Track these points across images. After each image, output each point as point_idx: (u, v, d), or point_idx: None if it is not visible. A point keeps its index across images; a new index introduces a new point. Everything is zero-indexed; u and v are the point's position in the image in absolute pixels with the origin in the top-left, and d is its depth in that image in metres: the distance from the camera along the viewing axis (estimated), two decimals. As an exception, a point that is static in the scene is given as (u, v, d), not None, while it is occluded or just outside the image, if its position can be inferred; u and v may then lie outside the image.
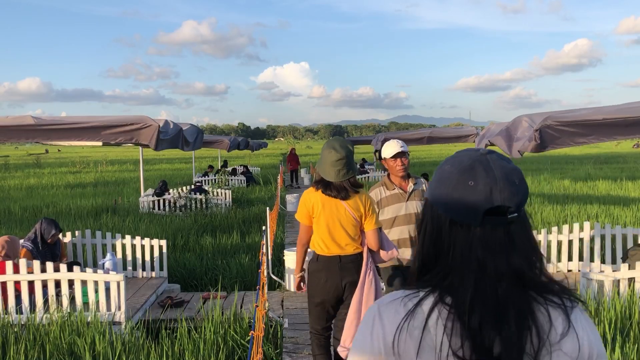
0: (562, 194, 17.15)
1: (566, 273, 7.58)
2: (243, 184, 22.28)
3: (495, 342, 1.01)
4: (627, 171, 27.81)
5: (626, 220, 11.57)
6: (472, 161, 1.11)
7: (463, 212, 1.08)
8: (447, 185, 1.12)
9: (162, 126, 6.44)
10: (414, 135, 18.50)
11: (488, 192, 1.07)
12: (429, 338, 1.04)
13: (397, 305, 1.09)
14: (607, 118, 5.57)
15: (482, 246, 1.06)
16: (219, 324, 5.45)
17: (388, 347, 1.06)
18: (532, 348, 1.03)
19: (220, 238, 10.45)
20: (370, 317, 1.10)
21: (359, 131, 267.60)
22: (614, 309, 5.07)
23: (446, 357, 1.02)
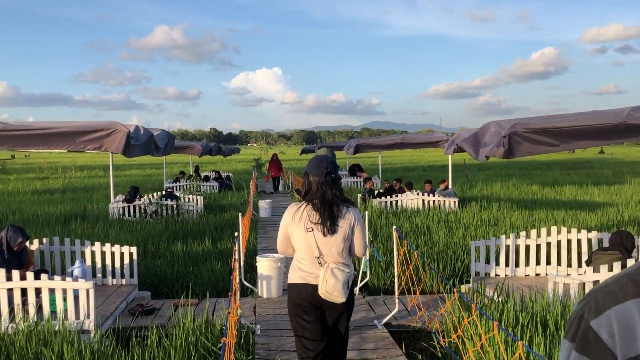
0: (530, 199, 17.49)
1: (534, 277, 7.73)
2: (215, 189, 22.12)
3: (325, 215, 3.68)
4: (593, 176, 28.51)
5: (591, 225, 11.86)
6: (319, 159, 3.83)
7: (318, 174, 3.74)
8: (313, 166, 3.79)
9: (133, 132, 6.39)
10: (386, 141, 18.70)
11: (325, 167, 3.74)
12: (302, 214, 3.74)
13: (295, 206, 3.82)
14: (571, 125, 5.73)
15: (323, 185, 3.72)
16: (190, 331, 5.41)
17: (289, 218, 3.78)
18: (338, 216, 3.71)
19: (192, 244, 10.36)
20: (287, 210, 3.83)
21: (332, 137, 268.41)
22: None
23: (307, 221, 3.71)
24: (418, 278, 7.63)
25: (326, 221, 3.69)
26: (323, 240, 3.70)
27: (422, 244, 9.79)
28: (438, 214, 13.57)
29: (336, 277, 3.63)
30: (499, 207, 14.83)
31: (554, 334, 4.80)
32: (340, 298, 3.65)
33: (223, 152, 28.16)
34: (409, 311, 6.55)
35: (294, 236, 3.78)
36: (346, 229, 3.73)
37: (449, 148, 8.16)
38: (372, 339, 5.70)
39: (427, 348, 5.70)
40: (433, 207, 15.08)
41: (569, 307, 5.34)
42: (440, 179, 17.55)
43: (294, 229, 3.76)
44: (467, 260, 8.55)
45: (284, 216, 3.86)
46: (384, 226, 11.85)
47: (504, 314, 5.21)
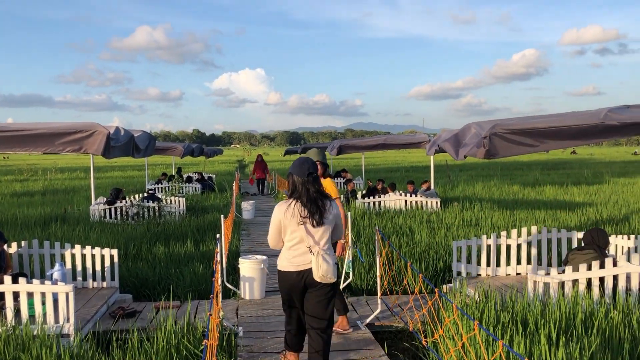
0: (511, 200, 17.66)
1: (515, 276, 7.81)
2: (197, 191, 22.00)
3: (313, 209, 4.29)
4: (573, 177, 28.89)
5: (571, 224, 12.02)
6: (302, 160, 4.42)
7: (301, 174, 4.34)
8: (297, 168, 4.37)
9: (113, 133, 6.33)
10: (369, 142, 18.75)
11: (307, 168, 4.35)
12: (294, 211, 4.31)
13: (284, 204, 4.37)
14: (550, 125, 5.80)
15: (306, 184, 4.33)
16: (172, 333, 5.37)
17: (282, 215, 4.34)
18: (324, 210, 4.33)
19: (174, 246, 10.30)
20: (277, 207, 4.41)
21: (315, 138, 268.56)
22: (559, 309, 5.26)
23: (298, 216, 4.28)
24: (400, 278, 7.66)
25: (315, 215, 4.30)
26: (313, 231, 4.32)
27: (404, 244, 9.84)
28: (420, 215, 13.65)
29: (327, 261, 4.28)
30: (480, 207, 14.95)
31: (534, 333, 4.85)
32: (333, 278, 4.34)
33: (205, 153, 27.98)
34: (392, 311, 6.58)
35: (287, 230, 4.35)
36: (331, 220, 4.40)
37: (430, 149, 8.22)
38: (355, 339, 5.71)
39: (409, 348, 5.72)
40: (415, 207, 15.17)
41: (549, 305, 5.40)
42: (423, 180, 17.65)
43: (287, 224, 4.34)
44: (449, 260, 8.61)
45: (275, 213, 4.40)
46: (367, 227, 11.88)
47: (485, 314, 5.26)
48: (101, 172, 39.18)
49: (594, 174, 31.19)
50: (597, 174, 30.58)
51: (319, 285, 4.35)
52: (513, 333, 4.78)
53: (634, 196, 18.17)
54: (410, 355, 5.58)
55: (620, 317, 5.13)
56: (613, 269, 5.86)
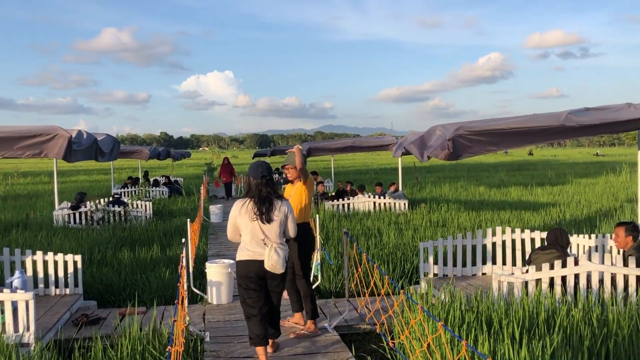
0: (477, 201, 17.94)
1: (481, 276, 7.92)
2: (165, 195, 21.72)
3: (263, 208, 4.88)
4: (537, 177, 29.50)
5: (535, 224, 12.26)
6: (257, 164, 5.02)
7: (256, 176, 4.94)
8: (252, 170, 4.97)
9: (75, 136, 6.19)
10: (338, 145, 18.80)
11: (261, 172, 4.95)
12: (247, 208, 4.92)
13: (240, 202, 4.98)
14: (513, 127, 5.92)
15: (260, 185, 4.93)
16: (136, 340, 5.28)
17: (237, 212, 4.96)
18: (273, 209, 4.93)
19: (140, 251, 10.14)
20: (234, 205, 5.01)
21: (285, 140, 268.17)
22: (523, 309, 5.35)
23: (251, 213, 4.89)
24: (368, 281, 7.69)
25: (264, 213, 4.89)
26: (265, 227, 4.91)
27: (372, 246, 9.89)
28: (388, 216, 13.75)
29: (278, 254, 4.84)
30: (447, 208, 15.15)
31: (498, 332, 4.92)
32: (281, 269, 4.90)
33: (172, 156, 27.63)
34: (360, 314, 6.60)
35: (242, 225, 4.95)
36: (281, 218, 4.97)
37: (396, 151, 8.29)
38: (323, 342, 5.71)
39: (376, 350, 5.75)
40: (384, 209, 15.27)
41: (513, 305, 5.49)
42: (391, 182, 17.79)
43: (241, 220, 4.94)
44: (417, 261, 8.69)
45: (232, 210, 5.01)
46: (336, 229, 11.91)
47: (450, 314, 5.31)
48: (66, 177, 38.35)
49: (557, 174, 31.93)
50: (560, 175, 31.31)
51: (273, 276, 4.96)
52: (478, 333, 4.84)
53: (595, 196, 18.66)
54: (378, 357, 5.61)
55: (581, 315, 5.25)
56: (574, 267, 6.00)
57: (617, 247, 6.61)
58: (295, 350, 5.48)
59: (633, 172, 27.25)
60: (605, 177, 28.34)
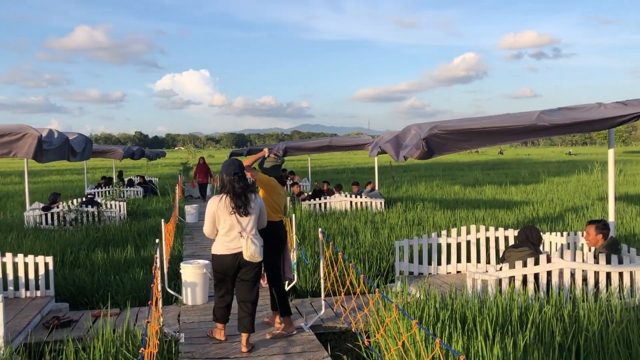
0: (452, 199, 18.11)
1: (455, 274, 8.00)
2: (139, 195, 21.46)
3: (240, 202, 5.27)
4: (511, 176, 29.91)
5: (509, 223, 12.42)
6: (229, 162, 5.41)
7: (229, 173, 5.33)
8: (225, 168, 5.36)
9: (45, 136, 6.08)
10: (314, 144, 18.79)
11: (233, 169, 5.33)
12: (225, 203, 5.30)
13: (217, 198, 5.38)
14: (486, 127, 5.98)
15: (232, 181, 5.32)
16: (109, 342, 5.21)
17: (215, 207, 5.33)
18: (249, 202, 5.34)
19: (114, 252, 10.00)
20: (211, 201, 5.39)
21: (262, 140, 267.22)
22: (496, 306, 5.42)
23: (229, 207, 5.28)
24: (344, 280, 7.71)
25: (241, 207, 5.30)
26: (242, 219, 5.32)
27: (349, 245, 9.91)
28: (365, 215, 13.79)
29: (255, 244, 5.26)
30: (423, 207, 15.26)
31: (472, 330, 4.97)
32: (259, 258, 5.31)
33: (147, 155, 27.31)
34: (335, 313, 6.60)
35: (220, 220, 5.34)
36: (257, 210, 5.43)
37: (372, 150, 8.32)
38: (299, 342, 5.70)
39: (352, 349, 5.76)
40: (360, 208, 15.32)
41: (487, 302, 5.55)
42: (367, 181, 17.86)
43: (220, 215, 5.34)
44: (392, 260, 8.73)
45: (209, 206, 5.39)
46: (312, 228, 11.90)
47: (425, 312, 5.35)
48: (38, 177, 37.65)
49: (530, 173, 32.41)
50: (533, 174, 31.79)
51: (250, 265, 5.38)
52: (452, 330, 4.88)
53: (567, 195, 18.98)
54: (354, 355, 5.61)
55: (553, 312, 5.33)
56: (547, 265, 6.09)
57: (589, 245, 6.73)
58: (271, 350, 5.46)
59: (604, 170, 27.80)
60: (577, 175, 28.87)
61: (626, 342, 4.83)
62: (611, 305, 5.59)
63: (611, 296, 5.85)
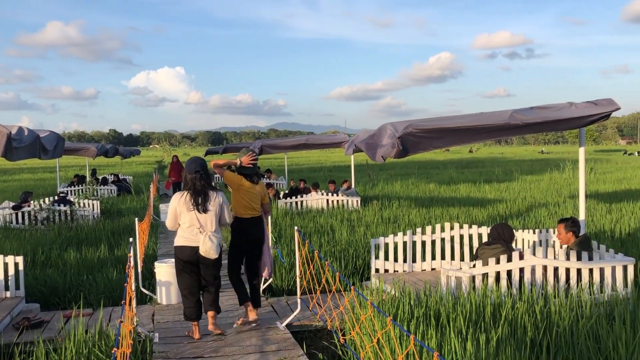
0: (428, 197, 18.26)
1: (430, 271, 8.07)
2: (113, 193, 21.19)
3: (199, 200, 5.55)
4: (485, 175, 30.29)
5: (482, 220, 12.57)
6: (192, 160, 5.72)
7: (191, 171, 5.61)
8: (188, 166, 5.66)
9: (15, 133, 5.96)
10: (290, 142, 18.78)
11: (194, 167, 5.61)
12: (185, 199, 5.57)
13: (179, 194, 5.63)
14: (460, 126, 6.04)
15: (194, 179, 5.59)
16: (81, 343, 5.13)
17: (176, 203, 5.59)
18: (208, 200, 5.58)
19: (87, 252, 9.86)
20: (173, 197, 5.65)
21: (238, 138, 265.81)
22: (470, 303, 5.48)
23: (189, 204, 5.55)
24: (320, 278, 7.72)
25: (200, 204, 5.54)
26: (200, 216, 5.55)
27: (325, 243, 9.92)
28: (341, 213, 13.83)
29: (212, 241, 5.48)
30: (398, 205, 15.36)
31: (445, 326, 5.02)
32: (215, 255, 5.55)
33: (121, 154, 26.94)
34: (311, 311, 6.61)
35: (181, 215, 5.59)
36: (216, 208, 5.64)
37: (348, 149, 8.35)
38: (274, 340, 5.69)
39: (328, 346, 5.77)
40: (337, 206, 15.35)
41: (460, 299, 5.62)
42: (344, 179, 17.91)
43: (180, 210, 5.59)
44: (368, 258, 8.77)
45: (172, 202, 5.66)
46: (289, 227, 11.89)
47: (400, 309, 5.39)
48: (8, 175, 36.90)
49: (504, 171, 32.86)
50: (507, 172, 32.24)
51: (207, 262, 5.62)
52: (426, 327, 4.93)
53: (540, 192, 19.30)
54: (330, 353, 5.63)
55: (525, 308, 5.42)
56: (519, 262, 6.18)
57: (561, 243, 6.85)
58: (247, 349, 5.44)
59: (575, 169, 28.31)
60: (549, 174, 29.37)
61: (595, 336, 4.93)
62: (581, 301, 5.71)
63: (581, 292, 5.96)
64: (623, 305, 5.57)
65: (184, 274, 5.70)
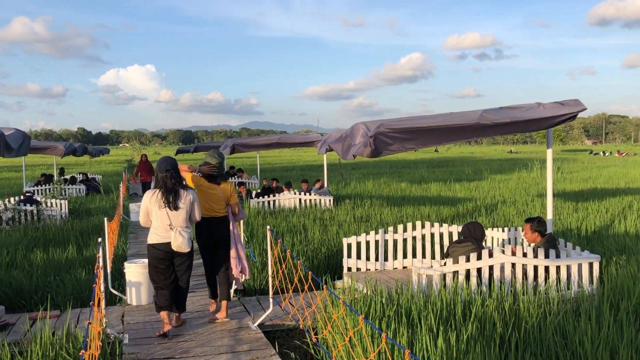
0: (399, 196, 18.40)
1: (402, 269, 8.13)
2: (82, 193, 20.80)
3: (170, 198, 5.71)
4: (455, 174, 30.66)
5: (453, 219, 12.73)
6: (163, 159, 5.88)
7: (161, 170, 5.75)
8: (159, 165, 5.80)
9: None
10: (263, 141, 18.72)
11: (165, 166, 5.77)
12: (157, 197, 5.74)
13: (151, 192, 5.80)
14: (431, 125, 6.10)
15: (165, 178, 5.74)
16: (48, 345, 5.03)
17: (148, 201, 5.76)
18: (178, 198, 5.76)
19: (54, 252, 9.66)
20: (145, 195, 5.81)
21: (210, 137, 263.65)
22: (441, 300, 5.54)
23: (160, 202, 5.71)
24: (292, 277, 7.71)
25: (171, 202, 5.74)
26: (171, 213, 5.76)
27: (297, 242, 9.91)
28: (314, 213, 13.83)
29: (182, 236, 5.74)
30: (371, 204, 15.44)
31: (417, 324, 5.07)
32: (187, 249, 5.79)
33: (90, 152, 26.45)
34: (284, 310, 6.60)
35: (152, 212, 5.80)
36: (187, 205, 5.84)
37: (321, 148, 8.36)
38: (246, 340, 5.66)
39: (300, 346, 5.77)
40: (309, 205, 15.35)
41: (431, 297, 5.67)
42: (316, 178, 17.92)
43: (152, 208, 5.79)
44: (340, 257, 8.79)
45: (143, 199, 5.83)
46: (261, 226, 11.84)
47: (372, 308, 5.42)
48: (-29, 174, 35.88)
49: (474, 171, 33.31)
50: (477, 171, 32.69)
51: (180, 255, 5.87)
52: (398, 325, 4.96)
53: (509, 191, 19.62)
54: (302, 352, 5.62)
55: (495, 305, 5.50)
56: (489, 259, 6.27)
57: (528, 242, 6.98)
58: (219, 349, 5.40)
59: (543, 168, 28.87)
60: (518, 173, 29.88)
61: (562, 332, 5.03)
62: (549, 298, 5.82)
63: (549, 289, 6.08)
64: (589, 301, 5.70)
65: (158, 270, 5.87)
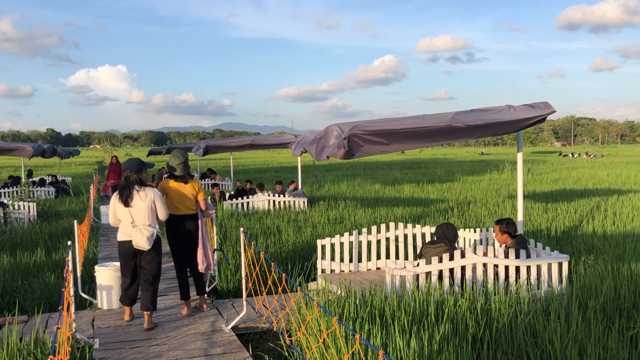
0: (373, 198, 18.49)
1: (376, 270, 8.17)
2: (51, 195, 20.40)
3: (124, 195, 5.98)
4: (428, 175, 30.95)
5: (426, 220, 12.84)
6: (126, 160, 6.13)
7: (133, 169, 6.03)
8: (130, 164, 6.08)
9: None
10: (236, 143, 18.62)
11: (126, 166, 6.06)
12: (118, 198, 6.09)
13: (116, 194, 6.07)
14: (404, 127, 6.15)
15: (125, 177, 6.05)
16: (15, 351, 4.91)
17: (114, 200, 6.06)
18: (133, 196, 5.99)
19: (22, 256, 9.44)
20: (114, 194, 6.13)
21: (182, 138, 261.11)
22: (414, 301, 5.58)
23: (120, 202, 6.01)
24: (266, 279, 7.67)
25: (124, 199, 6.00)
26: (132, 211, 6.01)
27: (271, 244, 9.88)
28: (288, 214, 13.80)
29: (142, 234, 5.95)
30: (345, 205, 15.48)
31: (390, 325, 5.09)
32: (147, 246, 5.97)
33: (59, 154, 25.92)
34: (257, 313, 6.56)
35: (117, 211, 6.08)
36: (148, 203, 6.04)
37: (296, 149, 8.34)
38: (220, 343, 5.61)
39: (274, 348, 5.75)
40: (283, 207, 15.32)
41: (405, 297, 5.71)
42: (290, 180, 17.89)
43: (117, 207, 6.08)
44: (315, 258, 8.79)
45: (112, 199, 6.12)
46: (235, 228, 11.77)
47: (346, 309, 5.43)
48: None
49: (446, 172, 33.67)
50: (449, 173, 33.05)
51: (144, 252, 6.07)
52: (371, 326, 4.98)
53: (480, 192, 19.88)
54: (276, 355, 5.60)
55: (467, 305, 5.56)
56: (461, 260, 6.35)
57: (499, 243, 7.08)
58: (192, 352, 5.34)
59: (514, 169, 29.35)
60: (489, 174, 30.31)
61: (532, 331, 5.12)
62: (520, 297, 5.91)
63: (520, 289, 6.18)
64: (558, 300, 5.81)
65: (125, 267, 6.19)
